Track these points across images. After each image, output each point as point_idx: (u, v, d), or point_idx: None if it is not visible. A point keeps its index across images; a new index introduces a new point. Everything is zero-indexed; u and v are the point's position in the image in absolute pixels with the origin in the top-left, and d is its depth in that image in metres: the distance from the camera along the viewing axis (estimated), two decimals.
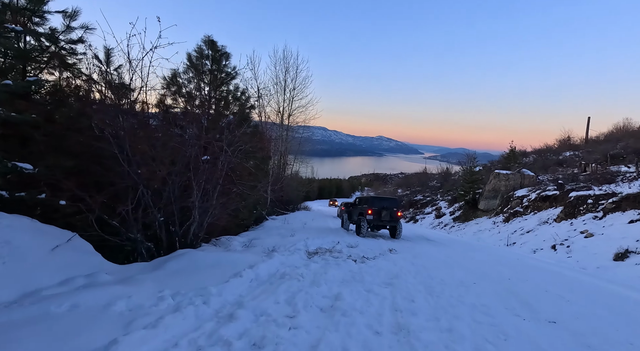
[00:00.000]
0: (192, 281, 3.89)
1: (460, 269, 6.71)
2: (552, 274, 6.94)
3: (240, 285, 4.01)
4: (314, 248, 7.77)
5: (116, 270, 4.25)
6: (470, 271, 6.58)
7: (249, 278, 4.33)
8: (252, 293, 3.82)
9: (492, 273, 6.60)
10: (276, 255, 5.75)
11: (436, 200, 29.95)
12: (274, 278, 4.59)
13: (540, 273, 7.07)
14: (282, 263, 5.57)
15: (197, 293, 3.44)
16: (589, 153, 23.45)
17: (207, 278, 4.02)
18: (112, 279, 3.77)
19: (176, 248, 6.40)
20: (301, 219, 17.89)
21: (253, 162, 11.78)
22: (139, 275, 3.91)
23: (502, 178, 19.11)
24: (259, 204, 12.74)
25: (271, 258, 5.52)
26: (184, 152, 6.21)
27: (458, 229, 19.71)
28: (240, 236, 9.26)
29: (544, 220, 14.47)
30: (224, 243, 7.34)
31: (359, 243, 9.58)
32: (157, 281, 3.75)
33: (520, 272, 6.92)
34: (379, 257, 7.58)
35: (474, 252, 10.13)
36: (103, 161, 5.63)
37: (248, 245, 7.34)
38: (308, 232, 11.63)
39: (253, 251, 6.17)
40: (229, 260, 4.96)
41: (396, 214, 11.92)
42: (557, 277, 6.69)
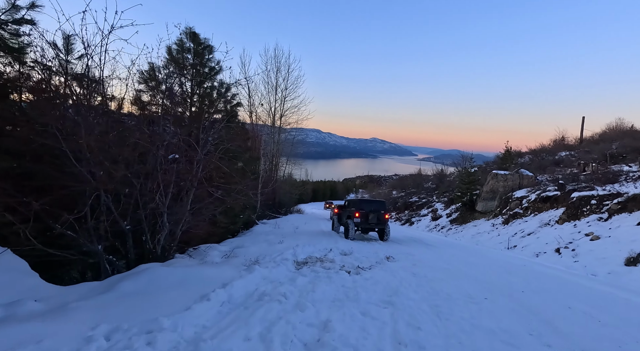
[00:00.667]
0: (143, 308, 3.10)
1: (466, 279, 6.00)
2: (567, 284, 6.26)
3: (205, 312, 3.22)
4: (303, 257, 7.00)
5: (53, 295, 3.44)
6: (476, 281, 5.88)
7: (218, 301, 3.55)
8: (219, 324, 3.03)
9: (500, 283, 5.90)
10: (258, 268, 4.97)
11: (432, 202, 29.38)
12: (250, 299, 3.81)
13: (552, 282, 6.39)
14: (264, 278, 4.79)
15: (144, 328, 2.66)
16: (586, 153, 23.11)
17: (164, 304, 3.23)
18: (40, 308, 2.96)
19: (146, 260, 5.60)
20: (293, 223, 17.12)
21: (240, 163, 11.00)
22: (77, 302, 3.11)
23: (500, 179, 18.58)
24: (247, 208, 11.93)
25: (251, 273, 4.75)
26: (154, 151, 5.43)
27: (455, 232, 19.10)
28: (223, 244, 8.46)
29: (546, 222, 13.90)
30: (201, 253, 6.54)
31: (353, 249, 8.83)
32: (96, 310, 2.96)
33: (531, 282, 6.23)
34: (375, 266, 6.84)
35: (476, 257, 9.46)
36: (54, 160, 4.82)
37: (229, 255, 6.55)
38: (299, 238, 10.86)
39: (232, 264, 5.38)
40: (198, 277, 4.17)
41: (383, 216, 11.85)
42: (574, 288, 6.01)
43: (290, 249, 7.64)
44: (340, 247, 8.93)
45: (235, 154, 10.40)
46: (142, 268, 4.29)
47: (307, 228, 15.61)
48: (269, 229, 13.94)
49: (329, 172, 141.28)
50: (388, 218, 12.20)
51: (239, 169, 10.63)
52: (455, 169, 37.54)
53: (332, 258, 6.97)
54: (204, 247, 7.02)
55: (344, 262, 6.93)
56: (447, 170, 40.56)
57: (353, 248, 9.02)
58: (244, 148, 12.20)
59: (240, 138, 11.94)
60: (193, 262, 5.51)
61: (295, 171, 41.91)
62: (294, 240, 9.86)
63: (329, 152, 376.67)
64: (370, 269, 6.58)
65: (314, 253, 7.75)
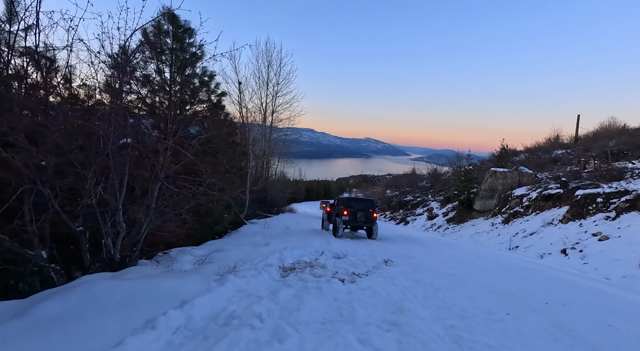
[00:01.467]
0: (57, 345, 2.19)
1: (477, 288, 5.20)
2: (591, 293, 5.50)
3: (145, 348, 2.32)
4: (291, 262, 6.12)
5: None
6: (490, 290, 5.08)
7: (170, 329, 2.66)
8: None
9: (518, 292, 5.11)
10: (232, 278, 4.07)
11: (427, 200, 28.74)
12: (215, 323, 2.92)
13: (574, 290, 5.62)
14: (239, 291, 3.90)
15: None
16: (583, 150, 22.67)
17: (89, 336, 2.33)
18: None
19: (100, 269, 4.67)
20: (284, 223, 16.22)
21: (223, 158, 10.06)
22: None
23: (499, 176, 17.94)
24: (232, 206, 11.00)
25: (223, 284, 3.85)
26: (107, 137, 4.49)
27: (453, 232, 18.41)
28: (201, 247, 7.53)
29: (549, 221, 13.26)
30: (171, 258, 5.60)
31: (347, 252, 7.98)
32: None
33: (551, 290, 5.46)
34: (372, 272, 6.00)
35: (482, 260, 8.68)
36: None
37: (203, 261, 5.63)
38: (288, 239, 9.97)
39: (202, 272, 4.48)
40: (152, 292, 3.26)
41: (372, 215, 11.97)
42: (600, 297, 5.25)
43: (277, 252, 6.75)
44: (333, 249, 8.07)
45: (217, 147, 9.46)
46: (81, 281, 3.36)
47: (299, 228, 14.74)
48: (258, 229, 13.03)
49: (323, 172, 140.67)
50: (376, 216, 12.24)
51: (222, 164, 9.70)
52: (450, 168, 37.03)
53: (323, 263, 6.10)
54: (177, 251, 6.09)
55: (337, 267, 6.07)
56: (442, 169, 40.07)
57: (347, 250, 8.17)
58: (229, 141, 11.26)
59: (224, 130, 11.01)
60: (155, 271, 4.59)
61: (289, 170, 40.85)
62: (283, 242, 8.97)
63: (322, 152, 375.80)
64: (367, 275, 5.73)
65: (304, 256, 6.88)
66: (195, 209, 7.53)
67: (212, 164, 8.30)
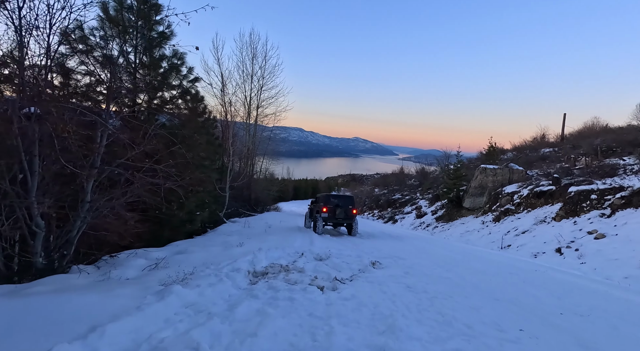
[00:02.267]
0: None
1: (478, 296, 4.47)
2: (606, 299, 4.85)
3: None
4: (264, 266, 5.26)
5: None
6: (493, 298, 4.36)
7: None
8: None
9: (526, 300, 4.40)
10: (177, 290, 3.18)
11: (416, 199, 28.27)
12: None
13: (587, 296, 4.96)
14: (185, 307, 3.02)
15: None
16: (572, 148, 22.56)
17: None
18: None
19: (31, 273, 3.71)
20: (267, 222, 15.31)
21: (194, 150, 9.09)
22: None
23: (489, 173, 17.50)
24: (206, 203, 10.03)
25: (163, 299, 2.97)
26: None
27: (442, 230, 17.88)
28: (163, 248, 6.57)
29: (541, 219, 12.80)
30: (117, 263, 4.66)
31: (331, 252, 7.17)
32: None
33: (562, 296, 4.78)
34: (358, 277, 5.20)
35: (478, 261, 8.02)
36: None
37: (157, 265, 4.71)
38: (267, 238, 9.10)
39: (144, 282, 3.58)
40: (49, 316, 2.36)
41: (351, 211, 11.90)
42: (619, 305, 4.59)
43: (250, 254, 5.87)
44: (315, 250, 7.24)
45: (186, 137, 8.48)
46: None
47: (282, 227, 13.87)
48: (237, 228, 12.09)
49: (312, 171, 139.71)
50: (356, 213, 12.19)
51: (196, 157, 8.73)
52: (438, 167, 36.78)
53: (301, 267, 5.26)
54: (127, 254, 5.14)
55: (317, 271, 5.24)
56: (429, 169, 39.81)
57: (331, 251, 7.36)
58: (202, 132, 10.26)
59: (196, 120, 10.02)
60: (84, 280, 3.66)
61: (276, 168, 39.69)
62: (260, 242, 8.10)
63: (311, 151, 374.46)
64: (352, 281, 4.93)
65: (281, 258, 6.02)
66: (158, 206, 6.58)
67: (180, 156, 7.32)
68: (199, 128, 10.04)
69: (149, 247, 7.44)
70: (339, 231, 13.62)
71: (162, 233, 8.40)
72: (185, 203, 8.70)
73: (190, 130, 8.89)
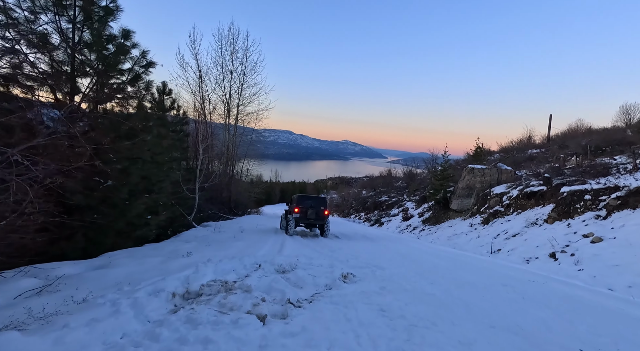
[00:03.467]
0: None
1: (470, 319, 3.48)
2: (629, 323, 3.92)
3: None
4: (203, 283, 4.13)
5: None
6: (489, 325, 3.37)
7: None
8: None
9: (529, 326, 3.42)
10: (15, 337, 2.05)
11: (403, 201, 27.48)
12: None
13: (604, 318, 4.03)
14: None
15: None
16: (559, 148, 22.17)
17: None
18: None
19: None
20: (241, 226, 14.13)
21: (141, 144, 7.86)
22: None
23: (477, 174, 16.77)
24: (160, 206, 8.79)
25: None
26: None
27: (429, 233, 17.02)
28: (88, 261, 5.34)
29: (532, 221, 12.04)
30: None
31: (298, 262, 6.09)
32: None
33: (573, 319, 3.83)
34: (321, 296, 4.15)
35: (467, 270, 7.07)
36: None
37: (43, 290, 3.51)
38: (232, 245, 7.97)
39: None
40: None
41: (323, 212, 11.85)
42: None
43: (192, 268, 4.74)
44: (279, 260, 6.13)
45: (131, 129, 7.27)
46: None
47: (256, 230, 12.73)
48: (204, 233, 10.88)
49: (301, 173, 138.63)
50: (327, 214, 12.14)
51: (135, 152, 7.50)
52: (425, 169, 36.23)
53: (249, 284, 4.14)
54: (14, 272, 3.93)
55: (270, 290, 4.15)
56: (417, 171, 39.26)
57: (299, 261, 6.28)
58: (158, 124, 9.04)
59: (146, 111, 8.80)
60: None
61: (263, 171, 38.27)
62: (219, 250, 6.96)
63: (300, 153, 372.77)
64: (312, 303, 3.87)
65: (231, 272, 4.90)
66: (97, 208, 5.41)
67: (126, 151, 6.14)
68: (157, 119, 8.82)
69: (84, 258, 6.23)
70: (312, 231, 13.18)
71: (104, 240, 7.16)
72: (133, 205, 7.50)
73: (138, 121, 7.69)
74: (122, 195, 6.99)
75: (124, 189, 7.01)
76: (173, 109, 13.93)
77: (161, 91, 13.68)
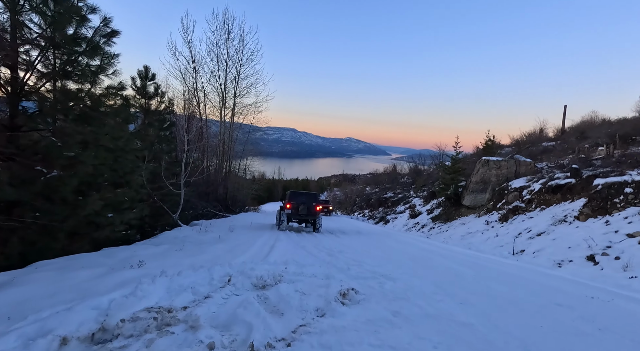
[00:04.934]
0: None
1: None
2: None
3: None
4: (134, 312, 2.81)
5: None
6: None
7: None
8: None
9: None
10: None
11: (409, 197, 26.04)
12: None
13: None
14: None
15: None
16: (578, 140, 20.58)
17: None
18: None
19: None
20: (233, 224, 12.84)
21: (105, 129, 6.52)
22: None
23: (493, 166, 15.28)
24: (125, 201, 7.45)
25: None
26: None
27: (440, 232, 15.61)
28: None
29: (560, 218, 10.58)
30: None
31: (285, 273, 4.74)
32: None
33: None
34: (307, 332, 2.78)
35: (495, 280, 5.66)
36: None
37: None
38: (208, 249, 6.63)
39: None
40: None
41: (314, 208, 12.02)
42: None
43: (130, 285, 3.41)
44: (261, 271, 4.75)
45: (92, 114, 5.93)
46: None
47: (247, 230, 11.43)
48: (185, 234, 9.58)
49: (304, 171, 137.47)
50: (319, 209, 12.30)
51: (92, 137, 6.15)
52: (432, 164, 34.69)
53: (197, 315, 2.79)
54: None
55: (232, 321, 2.80)
56: (422, 167, 37.70)
57: (288, 270, 4.93)
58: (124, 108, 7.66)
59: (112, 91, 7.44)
60: None
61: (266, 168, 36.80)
62: (184, 257, 5.63)
63: (304, 151, 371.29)
64: (290, 347, 2.52)
65: (186, 291, 3.55)
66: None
67: None
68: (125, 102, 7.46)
69: (22, 266, 4.95)
70: (303, 227, 12.91)
71: (51, 244, 5.87)
72: (89, 201, 6.18)
73: (96, 102, 6.35)
74: (70, 188, 5.69)
75: (73, 180, 5.70)
76: (157, 96, 12.63)
77: (143, 76, 12.37)
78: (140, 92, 12.30)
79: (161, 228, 11.84)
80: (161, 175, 10.95)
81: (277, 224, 12.14)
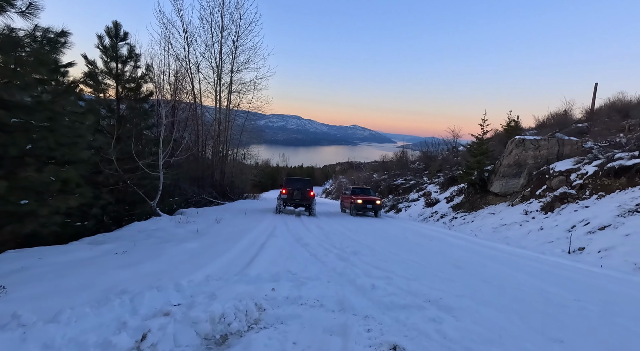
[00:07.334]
0: None
1: None
2: None
3: None
4: None
5: None
6: None
7: None
8: None
9: None
10: None
11: (422, 183, 23.84)
12: None
13: None
14: None
15: None
16: (613, 120, 18.08)
17: None
18: None
19: None
20: (223, 214, 10.92)
21: None
22: None
23: (529, 146, 12.99)
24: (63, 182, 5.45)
25: None
26: None
27: (464, 223, 13.49)
28: None
29: (630, 208, 8.38)
30: None
31: (269, 300, 2.70)
32: None
33: None
34: None
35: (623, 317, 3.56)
36: None
37: None
38: (161, 254, 4.62)
39: None
40: None
41: (308, 193, 12.61)
42: None
43: None
44: (235, 293, 2.72)
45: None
46: None
47: (238, 220, 9.48)
48: (158, 226, 7.64)
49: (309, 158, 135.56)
50: (313, 195, 12.88)
51: None
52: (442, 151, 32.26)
53: None
54: None
55: None
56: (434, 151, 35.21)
57: (277, 292, 2.91)
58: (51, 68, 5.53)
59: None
60: None
61: (271, 155, 34.88)
62: (108, 271, 3.66)
63: (309, 139, 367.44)
64: None
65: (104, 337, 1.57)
66: None
67: None
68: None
69: None
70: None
71: None
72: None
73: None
74: None
75: None
76: (132, 60, 10.48)
77: (113, 34, 10.19)
78: (108, 54, 10.14)
79: (138, 217, 9.93)
80: (132, 154, 8.94)
81: (276, 209, 12.71)
